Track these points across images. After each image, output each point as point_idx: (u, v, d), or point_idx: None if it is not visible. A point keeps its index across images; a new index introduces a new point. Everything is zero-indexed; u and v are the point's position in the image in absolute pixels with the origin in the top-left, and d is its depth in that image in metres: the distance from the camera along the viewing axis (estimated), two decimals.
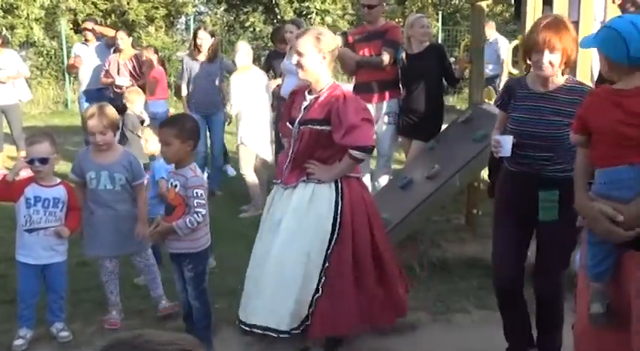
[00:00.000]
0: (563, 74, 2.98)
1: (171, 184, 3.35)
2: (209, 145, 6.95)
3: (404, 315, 3.66)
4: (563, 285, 3.15)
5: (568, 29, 2.89)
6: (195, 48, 6.72)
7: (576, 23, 4.15)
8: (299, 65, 3.37)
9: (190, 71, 6.76)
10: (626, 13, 2.17)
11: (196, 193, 3.29)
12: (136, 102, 5.99)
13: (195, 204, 3.28)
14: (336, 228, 3.34)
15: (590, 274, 2.23)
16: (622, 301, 2.19)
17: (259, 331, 3.36)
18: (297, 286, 3.32)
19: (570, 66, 2.98)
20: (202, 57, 6.69)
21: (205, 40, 6.61)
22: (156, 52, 7.66)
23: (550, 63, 2.87)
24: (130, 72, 7.50)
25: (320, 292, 3.31)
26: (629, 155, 2.03)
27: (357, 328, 3.47)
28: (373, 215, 3.52)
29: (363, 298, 3.42)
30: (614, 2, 2.26)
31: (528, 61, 3.04)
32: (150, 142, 4.55)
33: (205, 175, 6.98)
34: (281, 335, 3.34)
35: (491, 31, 9.83)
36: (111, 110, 3.75)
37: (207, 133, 6.84)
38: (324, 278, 3.32)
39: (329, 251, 3.33)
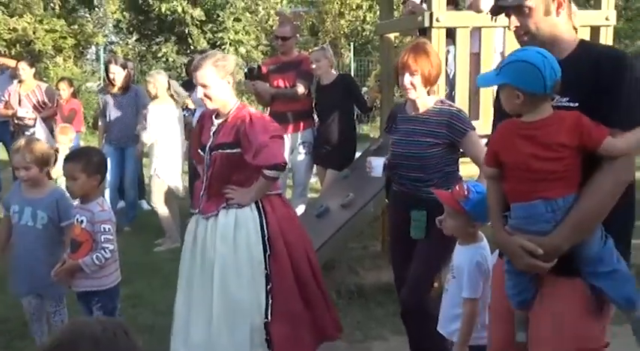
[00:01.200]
0: (429, 94, 3.20)
1: (77, 219, 3.23)
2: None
3: (341, 332, 3.65)
4: (428, 302, 3.20)
5: (426, 52, 3.14)
6: (109, 82, 6.60)
7: (477, 55, 4.37)
8: (206, 97, 3.32)
9: (105, 105, 6.64)
10: (520, 39, 2.21)
11: (104, 228, 3.18)
12: (64, 142, 5.69)
13: (103, 239, 3.17)
14: (267, 247, 3.31)
15: (514, 302, 2.21)
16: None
17: None
18: (249, 314, 3.25)
19: (432, 85, 3.20)
20: (116, 90, 6.56)
21: (118, 74, 6.49)
22: (71, 84, 7.44)
23: (411, 84, 3.12)
24: (34, 104, 7.23)
25: (269, 317, 3.26)
26: (544, 189, 2.01)
27: (315, 346, 3.45)
28: (302, 229, 3.55)
29: (312, 312, 3.42)
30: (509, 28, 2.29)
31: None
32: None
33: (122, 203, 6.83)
34: None
35: None
36: (39, 145, 3.57)
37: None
38: (270, 301, 3.27)
39: (268, 272, 3.29)
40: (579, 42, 2.19)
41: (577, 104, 2.04)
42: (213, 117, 3.45)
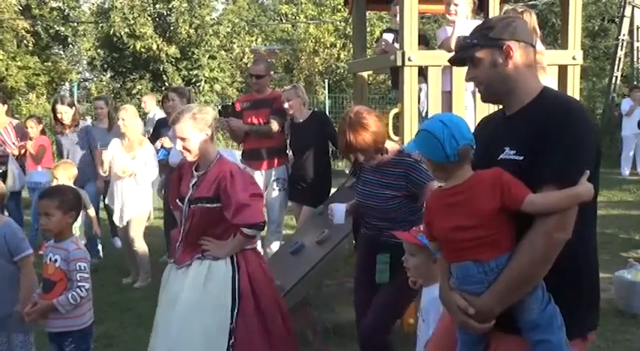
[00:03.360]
0: (386, 153, 3.23)
1: (50, 258, 3.19)
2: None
3: None
4: (386, 338, 3.27)
5: (363, 125, 3.11)
6: (57, 121, 6.59)
7: (449, 93, 4.45)
8: (185, 150, 3.32)
9: (60, 145, 6.64)
10: (478, 89, 2.20)
11: (79, 266, 3.15)
12: (62, 179, 5.60)
13: (79, 278, 3.13)
14: (236, 302, 3.29)
15: None
16: None
17: None
18: None
19: (384, 144, 3.20)
20: (65, 129, 6.56)
21: (66, 113, 6.50)
22: (39, 121, 7.40)
23: (365, 158, 3.17)
24: (4, 141, 7.16)
25: None
26: (473, 253, 1.99)
27: None
28: (273, 283, 3.56)
29: None
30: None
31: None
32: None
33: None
34: None
35: None
36: None
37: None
38: None
39: (232, 326, 3.26)
40: (540, 92, 2.11)
41: (522, 158, 2.00)
42: (193, 169, 3.44)
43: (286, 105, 5.42)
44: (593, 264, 2.13)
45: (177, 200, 3.49)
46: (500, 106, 2.24)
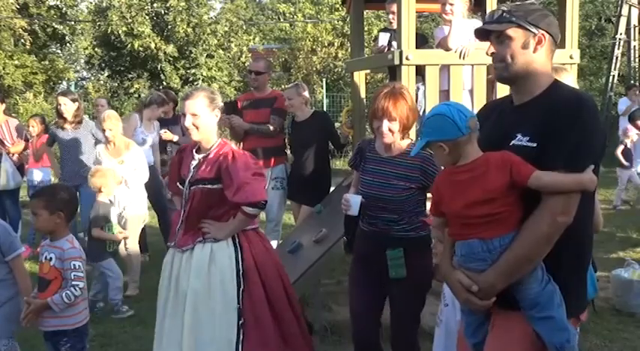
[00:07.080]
0: (403, 138, 3.21)
1: (45, 257, 3.18)
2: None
3: None
4: (417, 342, 3.26)
5: (405, 98, 3.13)
6: (59, 115, 6.42)
7: (447, 92, 4.45)
8: (194, 126, 3.32)
9: (58, 140, 6.49)
10: (495, 65, 2.24)
11: (74, 265, 3.15)
12: (108, 185, 5.32)
13: (73, 276, 3.13)
14: (241, 283, 3.30)
15: (469, 343, 2.27)
16: None
17: None
18: (218, 349, 3.22)
19: (409, 130, 3.22)
20: (67, 124, 6.40)
21: (64, 105, 6.30)
22: (43, 121, 7.36)
23: (389, 130, 3.11)
24: (1, 139, 7.15)
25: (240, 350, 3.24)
26: (479, 231, 2.08)
27: None
28: (278, 263, 3.55)
29: (289, 347, 3.41)
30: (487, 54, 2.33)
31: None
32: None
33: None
34: None
35: None
36: None
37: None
38: (242, 336, 3.25)
39: (240, 306, 3.27)
40: (552, 83, 2.19)
41: (535, 145, 2.07)
42: (194, 151, 3.45)
43: (286, 103, 5.42)
44: (587, 250, 2.23)
45: (178, 183, 3.48)
46: (499, 97, 2.28)
